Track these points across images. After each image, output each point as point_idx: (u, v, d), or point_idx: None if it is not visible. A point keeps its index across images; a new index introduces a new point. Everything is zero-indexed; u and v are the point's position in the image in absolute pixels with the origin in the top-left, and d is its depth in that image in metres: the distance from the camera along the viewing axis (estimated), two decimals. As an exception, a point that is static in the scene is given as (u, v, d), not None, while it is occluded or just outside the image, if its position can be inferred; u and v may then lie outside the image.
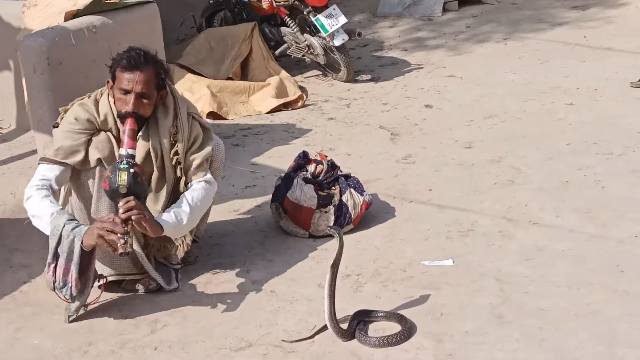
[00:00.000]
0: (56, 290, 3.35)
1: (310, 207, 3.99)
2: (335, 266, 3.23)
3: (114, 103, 3.50)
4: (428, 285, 3.53)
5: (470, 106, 5.54)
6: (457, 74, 6.14)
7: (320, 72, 6.36)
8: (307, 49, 6.25)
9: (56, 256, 3.32)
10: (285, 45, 6.41)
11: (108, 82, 3.53)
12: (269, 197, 4.22)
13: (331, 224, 3.97)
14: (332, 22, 5.97)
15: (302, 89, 6.04)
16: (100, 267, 3.51)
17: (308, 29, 6.26)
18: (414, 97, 5.78)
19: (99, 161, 3.49)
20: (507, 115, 5.33)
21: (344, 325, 3.25)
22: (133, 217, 3.27)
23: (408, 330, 3.20)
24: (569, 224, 3.95)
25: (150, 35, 4.59)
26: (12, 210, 4.37)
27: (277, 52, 6.43)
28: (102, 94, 3.58)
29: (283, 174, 4.18)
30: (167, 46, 5.04)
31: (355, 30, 6.22)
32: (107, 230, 3.24)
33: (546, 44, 6.64)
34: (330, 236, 3.97)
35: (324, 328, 3.27)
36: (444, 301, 3.41)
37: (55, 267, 3.32)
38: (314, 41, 6.16)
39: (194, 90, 5.75)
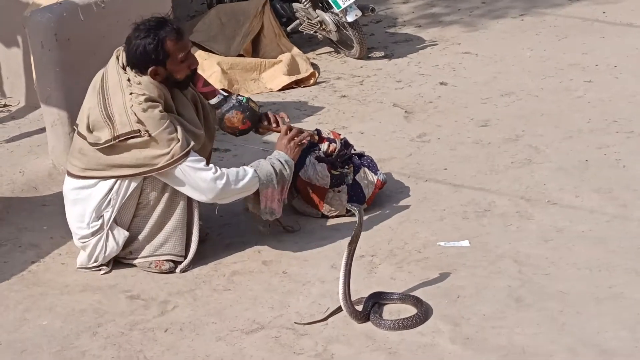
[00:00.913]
0: (273, 220, 3.61)
1: (323, 187, 3.91)
2: (353, 244, 3.15)
3: (167, 78, 3.43)
4: (444, 266, 3.45)
5: (486, 83, 5.43)
6: (472, 51, 6.02)
7: (333, 49, 6.25)
8: (319, 25, 6.14)
9: (280, 192, 3.57)
10: (297, 22, 6.30)
11: (152, 70, 3.38)
12: (281, 176, 4.13)
13: (344, 203, 3.90)
14: (345, -3, 5.85)
15: (314, 66, 5.94)
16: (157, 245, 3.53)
17: (320, 4, 6.14)
18: (429, 75, 5.67)
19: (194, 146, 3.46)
20: (524, 93, 5.22)
21: (359, 307, 3.18)
22: (305, 134, 3.70)
23: (424, 313, 3.13)
24: (589, 204, 3.86)
25: (160, 10, 4.45)
26: (20, 189, 4.31)
27: (288, 28, 6.31)
28: (140, 89, 3.39)
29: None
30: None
31: (369, 6, 6.09)
32: (296, 135, 3.65)
33: (564, 20, 6.49)
34: (343, 216, 3.91)
35: (338, 310, 3.20)
36: (460, 283, 3.33)
37: (278, 200, 3.57)
38: (327, 17, 6.04)
39: (205, 67, 5.65)
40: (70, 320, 3.25)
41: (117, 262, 3.58)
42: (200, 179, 3.40)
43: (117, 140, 3.37)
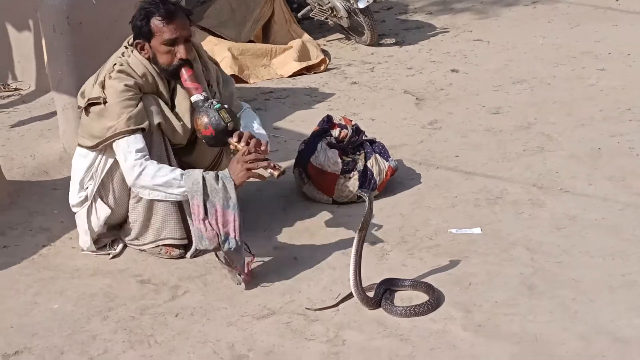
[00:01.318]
0: (222, 249, 3.19)
1: (334, 173, 3.89)
2: (363, 230, 3.13)
3: (152, 60, 3.38)
4: (456, 254, 3.43)
5: (497, 71, 5.39)
6: (484, 38, 5.99)
7: (344, 36, 6.23)
8: (330, 11, 6.11)
9: (205, 212, 3.20)
10: (308, 8, 6.28)
11: (138, 43, 3.38)
12: (291, 162, 4.12)
13: (355, 190, 3.88)
14: (356, -17, 5.82)
15: (324, 52, 5.92)
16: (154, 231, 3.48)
17: (332, -10, 6.12)
18: (440, 62, 5.64)
19: (159, 126, 3.39)
20: (536, 80, 5.19)
21: (370, 294, 3.16)
22: (259, 144, 3.26)
23: (436, 299, 3.11)
24: (602, 192, 3.83)
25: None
26: (31, 173, 4.30)
27: (299, 14, 6.29)
28: (121, 61, 3.39)
29: (306, 139, 4.08)
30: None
31: (380, -8, 6.08)
32: (252, 162, 3.20)
33: (577, 7, 6.45)
34: (354, 202, 3.89)
35: (349, 296, 3.18)
36: (472, 270, 3.31)
37: (209, 222, 3.19)
38: (338, 3, 6.01)
39: (215, 53, 5.63)
40: (81, 304, 3.25)
41: (128, 247, 3.57)
42: (124, 162, 3.31)
43: (86, 103, 3.37)
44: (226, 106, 3.34)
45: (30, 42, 5.41)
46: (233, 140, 3.29)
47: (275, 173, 3.20)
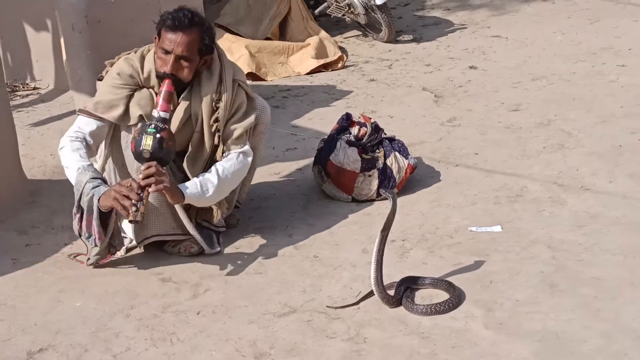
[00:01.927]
0: (82, 238, 3.43)
1: (354, 171, 3.89)
2: (385, 230, 3.13)
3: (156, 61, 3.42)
4: (476, 251, 3.43)
5: (516, 67, 5.37)
6: (502, 34, 5.97)
7: (361, 32, 6.22)
8: (347, 8, 6.10)
9: (80, 208, 3.36)
10: (324, 5, 6.28)
11: (155, 38, 3.45)
12: (310, 160, 4.13)
13: (374, 188, 3.88)
14: (374, -20, 5.81)
15: (342, 49, 5.92)
16: (139, 228, 3.46)
17: (349, -13, 6.11)
18: (458, 58, 5.63)
19: (141, 118, 3.42)
20: (556, 77, 5.16)
21: (391, 292, 3.16)
22: (152, 188, 3.21)
23: (457, 298, 3.11)
24: (623, 189, 3.81)
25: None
26: (52, 171, 4.33)
27: (316, 11, 6.29)
28: (149, 50, 3.51)
29: (325, 137, 4.08)
30: (205, 5, 4.94)
31: (398, -12, 6.06)
32: (123, 195, 3.20)
33: (596, 2, 6.41)
34: (374, 200, 3.89)
35: (370, 294, 3.18)
36: (493, 268, 3.30)
37: (80, 218, 3.37)
38: (355, 0, 6.00)
39: (233, 51, 5.65)
40: (103, 301, 3.27)
41: (147, 246, 3.57)
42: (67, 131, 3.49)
43: (99, 76, 3.60)
44: (159, 136, 3.22)
45: (48, 41, 5.44)
46: (142, 168, 3.27)
47: (130, 217, 3.20)
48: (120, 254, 3.55)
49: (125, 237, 3.59)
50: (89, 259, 3.46)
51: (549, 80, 5.12)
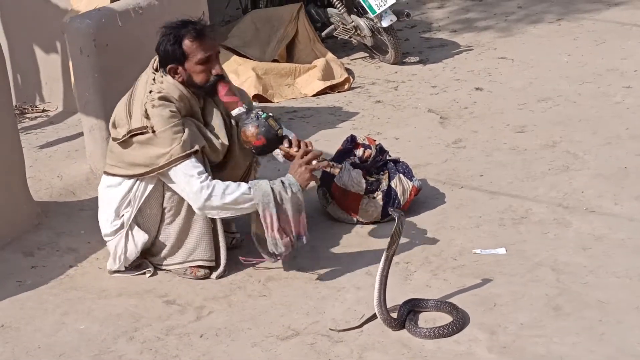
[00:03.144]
0: (295, 245, 3.38)
1: (358, 193, 3.90)
2: (390, 249, 3.13)
3: (187, 81, 3.42)
4: (480, 274, 3.42)
5: (522, 89, 5.38)
6: (508, 56, 5.97)
7: (367, 54, 6.24)
8: (354, 30, 6.13)
9: (278, 220, 3.31)
10: (331, 27, 6.30)
11: (171, 68, 3.41)
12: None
13: (379, 210, 3.88)
14: (380, 2, 5.84)
15: (348, 71, 5.94)
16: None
17: (355, 9, 6.14)
18: (464, 80, 5.64)
19: (202, 149, 3.40)
20: (562, 98, 5.16)
21: (394, 314, 3.16)
22: (310, 146, 3.41)
23: (460, 321, 3.10)
24: (629, 212, 3.80)
25: (196, 17, 4.52)
26: (58, 193, 4.36)
27: (323, 33, 6.32)
28: (158, 88, 3.40)
29: (330, 158, 4.09)
30: (212, 28, 4.96)
31: (404, 10, 6.08)
32: (311, 162, 3.35)
33: (602, 24, 6.41)
34: (378, 222, 3.89)
35: (373, 317, 3.18)
36: (497, 291, 3.29)
37: (283, 230, 3.32)
38: (361, 22, 6.04)
39: (240, 73, 5.68)
40: (107, 324, 3.28)
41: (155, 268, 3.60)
42: (188, 186, 3.32)
43: (129, 135, 3.37)
44: (271, 114, 3.41)
45: (57, 64, 5.49)
46: (284, 146, 3.40)
47: (336, 171, 3.42)
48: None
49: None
50: (295, 257, 3.46)
51: (555, 101, 5.13)
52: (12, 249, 3.84)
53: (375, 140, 4.14)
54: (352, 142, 4.09)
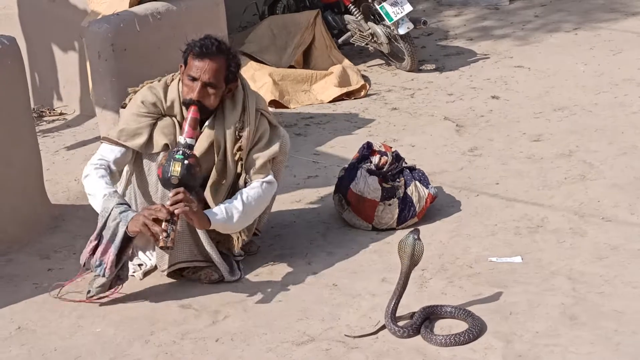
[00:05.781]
0: (91, 266, 3.35)
1: (374, 200, 3.90)
2: (411, 266, 3.17)
3: (182, 88, 3.47)
4: (496, 282, 3.41)
5: (538, 98, 5.37)
6: (525, 65, 5.97)
7: (384, 61, 6.26)
8: (370, 37, 6.15)
9: (99, 237, 3.34)
10: (348, 34, 6.32)
11: (181, 66, 3.50)
12: (331, 188, 4.14)
13: (395, 217, 3.88)
14: (397, 10, 5.86)
15: (365, 78, 5.96)
16: (161, 256, 3.49)
17: (372, 17, 6.16)
18: (480, 88, 5.64)
19: (166, 146, 3.46)
20: (578, 107, 5.15)
21: (405, 322, 3.16)
22: (179, 210, 3.23)
23: (476, 328, 3.09)
24: (646, 222, 3.79)
25: (214, 23, 4.56)
26: (75, 197, 4.38)
27: (340, 40, 6.34)
28: (172, 79, 3.57)
29: (346, 165, 4.10)
30: (229, 34, 5.00)
31: (420, 18, 6.10)
32: (153, 219, 3.22)
33: (619, 34, 6.40)
34: (394, 229, 3.89)
35: (388, 324, 3.18)
36: (513, 300, 3.29)
37: (96, 247, 3.34)
38: (378, 29, 6.05)
39: (256, 79, 5.70)
40: (122, 328, 3.29)
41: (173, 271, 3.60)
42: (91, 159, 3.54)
43: (123, 103, 3.67)
44: (187, 162, 3.24)
45: (75, 67, 5.53)
46: (170, 195, 3.28)
47: (161, 243, 3.20)
48: (138, 276, 3.58)
49: (141, 264, 3.62)
50: (89, 291, 3.39)
51: (571, 110, 5.11)
52: (29, 251, 3.87)
53: (391, 147, 4.15)
54: (368, 149, 4.10)
